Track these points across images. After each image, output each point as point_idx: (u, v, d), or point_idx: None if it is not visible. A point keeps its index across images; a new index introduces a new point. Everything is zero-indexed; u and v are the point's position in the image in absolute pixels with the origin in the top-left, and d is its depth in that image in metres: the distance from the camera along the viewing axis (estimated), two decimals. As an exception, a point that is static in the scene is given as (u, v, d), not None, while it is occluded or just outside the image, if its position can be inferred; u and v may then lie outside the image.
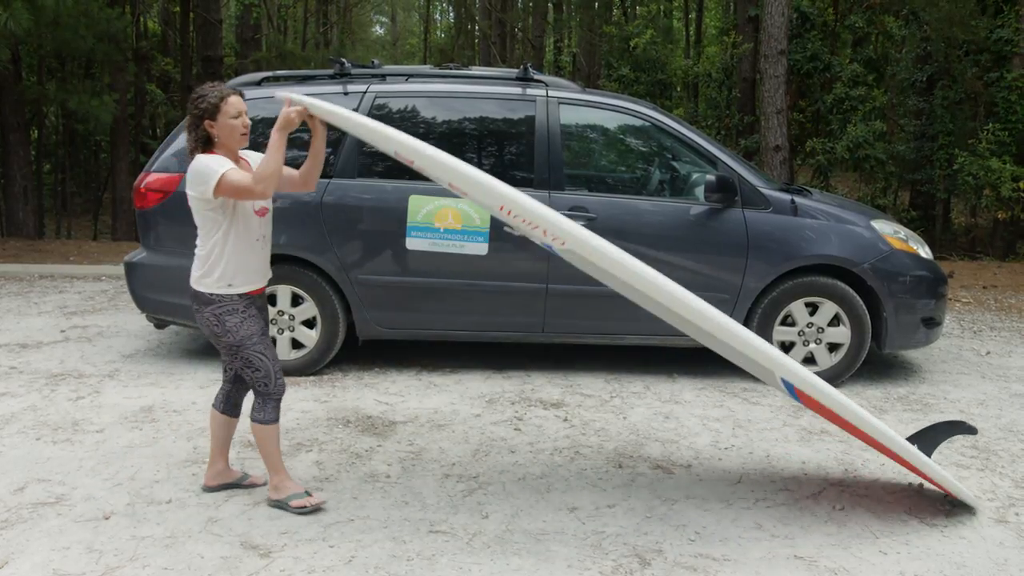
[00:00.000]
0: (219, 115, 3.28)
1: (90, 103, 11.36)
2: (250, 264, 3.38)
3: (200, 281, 3.35)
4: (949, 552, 3.25)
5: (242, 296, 3.36)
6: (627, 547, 3.22)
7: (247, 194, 3.19)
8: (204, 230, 3.33)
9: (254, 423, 3.43)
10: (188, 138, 3.33)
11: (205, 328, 3.40)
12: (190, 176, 3.25)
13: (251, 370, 3.39)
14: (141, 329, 6.48)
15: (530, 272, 5.22)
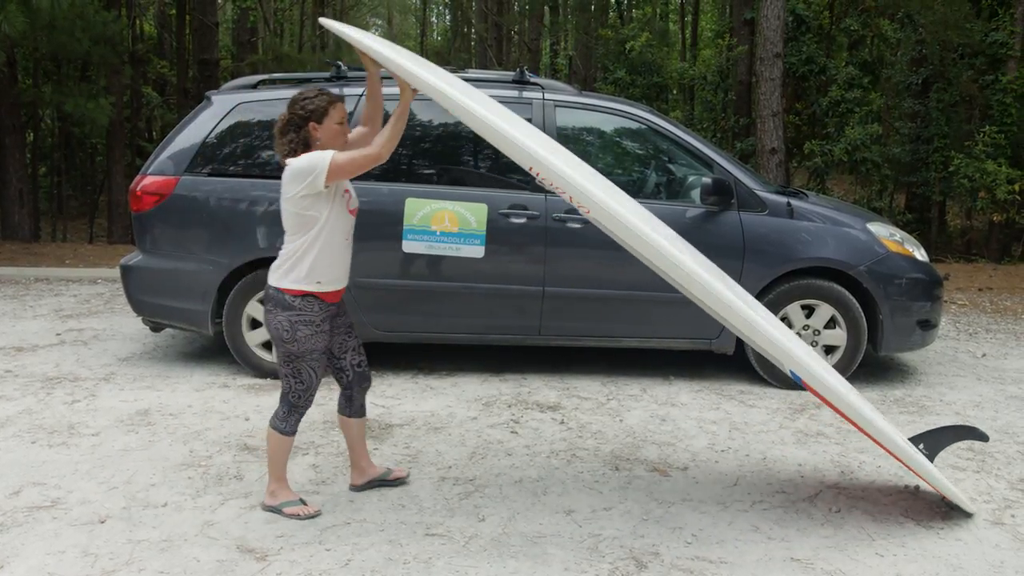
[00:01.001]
0: (326, 119, 3.29)
1: (86, 106, 11.35)
2: (338, 263, 3.37)
3: (285, 277, 3.31)
4: (945, 554, 3.25)
5: (323, 306, 3.34)
6: (624, 550, 3.22)
7: (368, 162, 3.18)
8: (296, 228, 3.30)
9: (273, 430, 3.42)
10: (284, 140, 3.30)
11: (271, 330, 3.37)
12: (292, 175, 3.22)
13: (295, 381, 3.38)
14: (137, 332, 6.47)
15: (526, 275, 5.22)
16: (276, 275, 3.35)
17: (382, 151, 3.18)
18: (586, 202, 3.07)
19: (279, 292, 3.32)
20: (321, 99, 3.29)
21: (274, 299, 3.34)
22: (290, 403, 3.41)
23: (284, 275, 3.32)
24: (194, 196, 5.26)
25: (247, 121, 5.37)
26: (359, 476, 3.70)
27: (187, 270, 5.28)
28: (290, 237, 3.33)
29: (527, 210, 5.18)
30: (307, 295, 3.31)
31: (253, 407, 4.77)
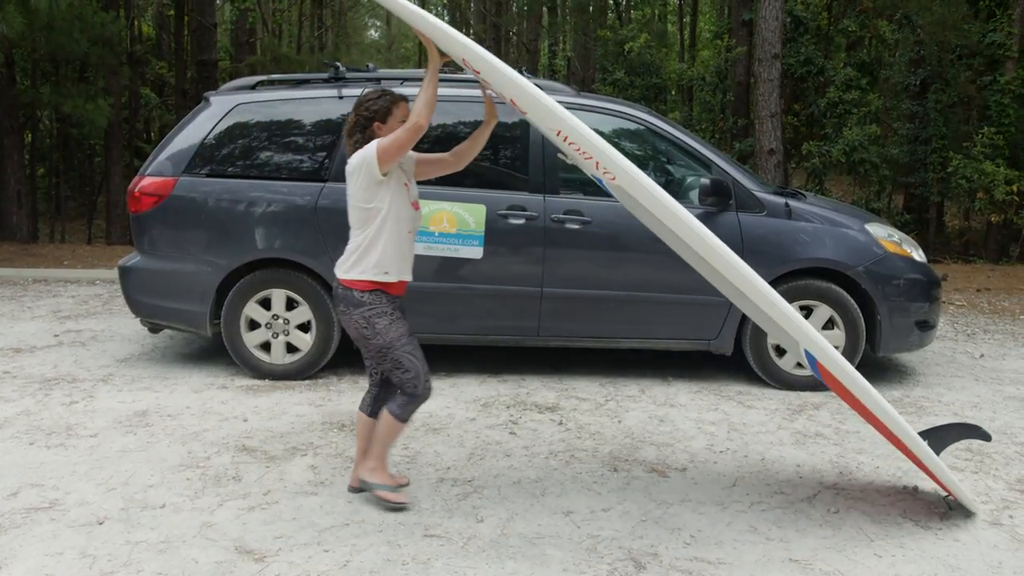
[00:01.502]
0: (389, 118, 3.35)
1: (84, 107, 11.35)
2: (403, 255, 3.42)
3: (353, 270, 3.36)
4: (944, 555, 3.25)
5: (390, 298, 3.40)
6: (622, 551, 3.22)
7: (412, 133, 3.21)
8: (361, 222, 3.36)
9: (391, 415, 3.46)
10: (350, 140, 3.38)
11: (353, 331, 3.41)
12: (350, 172, 3.31)
13: (401, 371, 3.42)
14: (135, 333, 6.47)
15: (525, 276, 5.22)
16: (343, 268, 3.40)
17: (420, 119, 3.22)
18: (612, 167, 3.04)
19: (348, 290, 3.37)
20: (384, 99, 3.36)
21: (344, 299, 3.39)
22: (409, 393, 3.46)
23: (351, 267, 3.37)
24: (192, 197, 5.26)
25: (246, 122, 5.37)
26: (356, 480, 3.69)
27: (185, 271, 5.28)
28: (355, 232, 3.39)
29: (526, 211, 5.18)
30: (375, 289, 3.37)
31: (251, 408, 4.77)
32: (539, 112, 3.07)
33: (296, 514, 3.46)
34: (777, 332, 3.61)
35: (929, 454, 3.36)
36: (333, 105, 5.35)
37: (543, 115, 3.07)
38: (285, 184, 5.27)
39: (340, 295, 3.41)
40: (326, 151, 5.29)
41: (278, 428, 4.46)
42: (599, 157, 3.05)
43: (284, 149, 5.35)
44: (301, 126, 5.38)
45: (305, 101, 5.45)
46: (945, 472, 3.41)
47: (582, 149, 3.08)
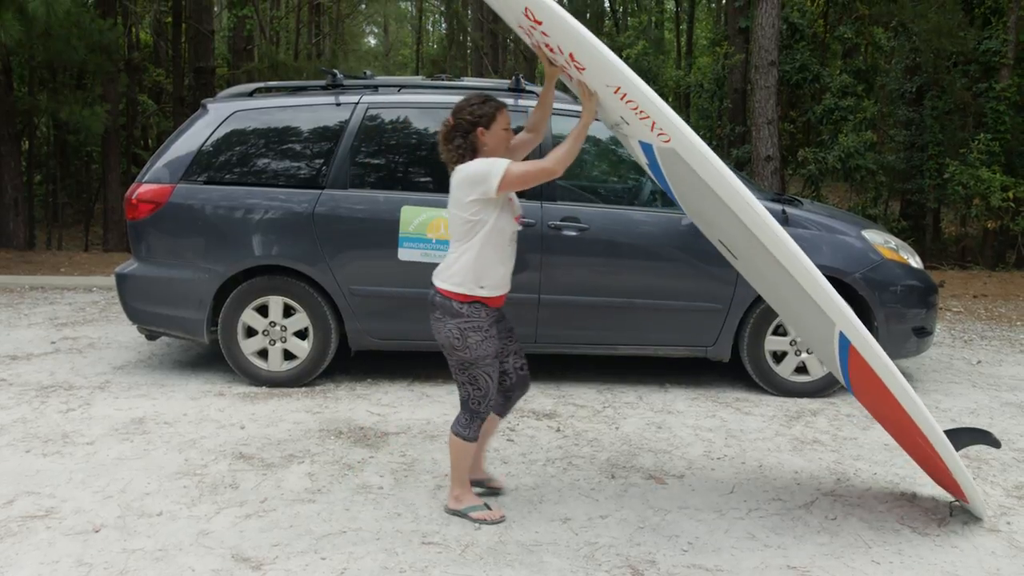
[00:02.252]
0: (493, 124, 3.33)
1: (81, 114, 11.34)
2: (502, 268, 3.39)
3: (453, 280, 3.33)
4: (941, 561, 3.25)
5: (488, 311, 3.37)
6: (620, 558, 3.22)
7: (542, 176, 3.23)
8: (464, 234, 3.32)
9: (456, 436, 3.44)
10: (451, 146, 3.34)
11: (442, 339, 3.39)
12: (464, 180, 3.26)
13: (473, 388, 3.40)
14: (132, 341, 6.46)
15: (522, 283, 5.21)
16: (442, 278, 3.38)
17: (557, 167, 3.23)
18: (669, 128, 2.97)
19: (446, 299, 3.35)
20: (489, 105, 3.34)
21: (441, 306, 3.36)
22: (472, 410, 3.44)
23: (451, 279, 3.35)
24: (190, 204, 5.25)
25: (243, 129, 5.37)
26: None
27: (183, 278, 5.27)
28: (457, 243, 3.36)
29: (523, 218, 5.17)
30: (474, 301, 3.34)
31: (248, 415, 4.76)
32: (599, 66, 2.98)
33: (293, 522, 3.46)
34: (806, 317, 3.49)
35: (951, 453, 3.29)
36: (330, 112, 5.36)
37: (603, 69, 2.97)
38: (282, 191, 5.27)
39: (438, 303, 3.38)
40: (323, 158, 5.29)
41: (275, 435, 4.45)
42: (656, 116, 2.98)
43: (281, 156, 5.35)
44: (298, 133, 5.38)
45: (302, 108, 5.46)
46: (964, 472, 3.36)
47: (639, 108, 3.00)
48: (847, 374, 3.50)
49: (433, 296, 3.40)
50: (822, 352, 3.71)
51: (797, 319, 3.73)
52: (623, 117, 3.28)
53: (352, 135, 5.29)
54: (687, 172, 3.18)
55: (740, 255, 3.68)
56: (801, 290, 3.17)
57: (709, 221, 3.67)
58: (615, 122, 3.48)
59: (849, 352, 3.28)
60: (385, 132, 5.37)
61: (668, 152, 3.17)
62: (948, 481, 3.54)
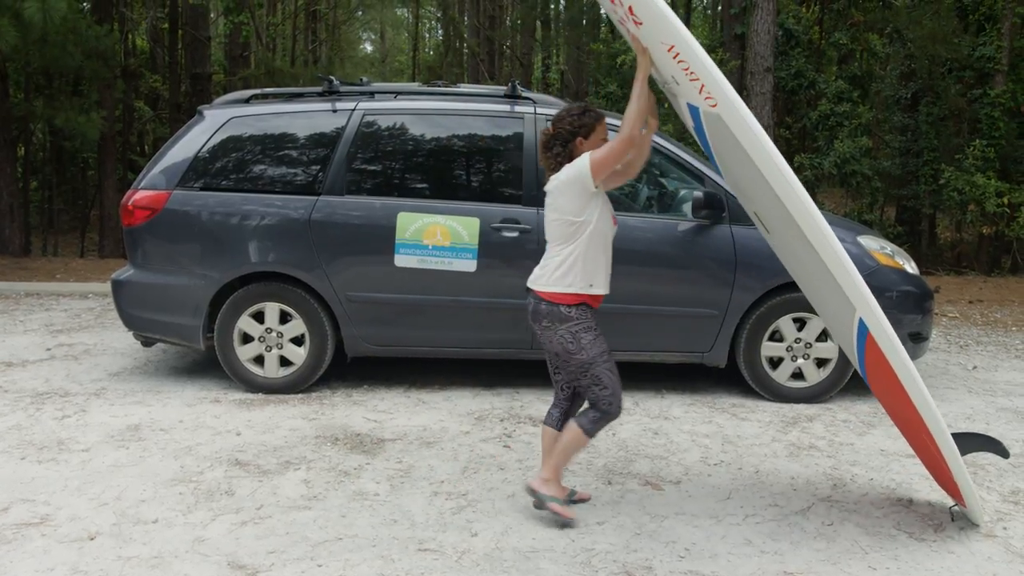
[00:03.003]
0: (592, 135, 3.39)
1: (77, 120, 11.34)
2: (604, 268, 3.45)
3: (559, 283, 3.37)
4: (938, 567, 3.25)
5: (592, 312, 3.43)
6: (617, 564, 3.21)
7: (625, 145, 3.26)
8: (565, 237, 3.38)
9: (579, 428, 3.46)
10: (550, 154, 3.42)
11: (556, 346, 3.42)
12: (561, 185, 3.34)
13: (599, 387, 3.43)
14: (128, 347, 6.45)
15: (519, 289, 5.20)
16: (545, 282, 3.41)
17: (632, 131, 3.25)
18: (717, 92, 2.98)
19: (554, 304, 3.38)
20: (589, 115, 3.42)
21: (548, 314, 3.40)
22: (602, 411, 3.46)
23: (556, 282, 3.38)
24: (186, 210, 5.25)
25: (239, 135, 5.37)
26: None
27: (179, 285, 5.26)
28: (557, 247, 3.41)
29: (519, 224, 5.19)
30: (581, 303, 3.39)
31: (244, 422, 4.75)
32: (656, 23, 2.99)
33: (289, 529, 3.45)
34: (830, 299, 3.48)
35: (956, 455, 3.28)
36: (327, 118, 5.36)
37: (660, 27, 2.98)
38: (279, 197, 5.27)
39: (544, 310, 3.40)
40: (319, 164, 5.29)
41: (271, 442, 4.44)
42: (706, 79, 2.99)
43: (278, 162, 5.35)
44: (295, 139, 5.38)
45: (299, 115, 5.46)
46: (965, 476, 3.35)
47: (691, 69, 3.01)
48: (863, 362, 3.50)
49: (537, 305, 3.43)
50: (842, 337, 3.70)
51: (821, 301, 3.73)
52: (674, 77, 3.29)
53: (348, 141, 5.29)
54: (730, 139, 3.19)
55: (773, 229, 3.67)
56: (827, 271, 3.16)
57: (747, 192, 3.65)
58: (666, 80, 3.49)
59: (867, 340, 3.27)
60: (381, 138, 5.37)
61: (714, 117, 3.18)
62: (948, 482, 3.53)
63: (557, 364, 3.56)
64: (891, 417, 3.79)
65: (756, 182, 3.27)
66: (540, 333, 3.46)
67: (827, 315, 3.82)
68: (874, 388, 3.67)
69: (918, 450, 3.68)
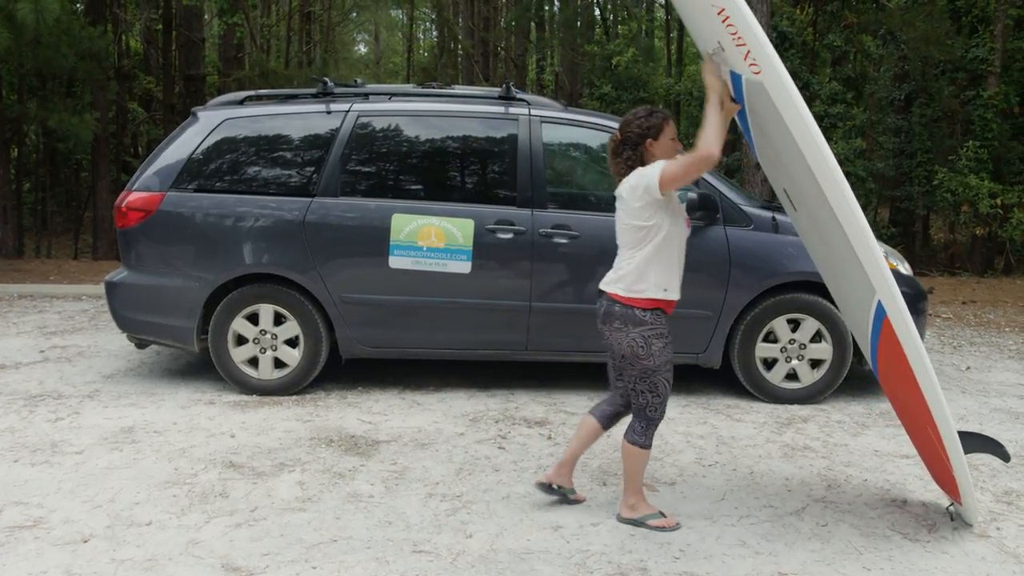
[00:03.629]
0: (661, 135, 3.41)
1: (71, 121, 11.31)
2: (677, 272, 3.45)
3: (634, 288, 3.38)
4: (932, 567, 3.26)
5: (666, 318, 3.43)
6: (612, 565, 3.22)
7: (699, 164, 3.24)
8: (637, 242, 3.39)
9: (632, 445, 3.48)
10: (620, 159, 3.43)
11: (625, 348, 3.42)
12: (630, 190, 3.35)
13: (652, 395, 3.44)
14: (121, 349, 6.43)
15: (513, 290, 5.22)
16: (619, 286, 3.42)
17: (712, 150, 3.23)
18: (762, 60, 2.98)
19: (629, 308, 3.38)
20: (656, 117, 3.43)
21: (622, 316, 3.40)
22: (648, 417, 3.47)
23: (631, 285, 3.39)
24: (180, 212, 5.24)
25: (233, 137, 5.36)
26: (556, 477, 3.71)
27: (173, 286, 5.25)
28: (630, 252, 3.42)
29: (514, 225, 5.19)
30: (656, 308, 3.39)
31: (239, 424, 4.74)
32: None
33: (284, 531, 3.44)
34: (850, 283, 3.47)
35: (959, 451, 3.28)
36: (321, 120, 5.36)
37: None
38: (273, 199, 5.26)
39: (617, 312, 3.41)
40: (314, 166, 5.29)
41: (266, 444, 4.43)
42: (752, 45, 2.99)
43: (272, 164, 5.35)
44: (289, 141, 5.38)
45: (293, 116, 5.46)
46: (966, 473, 3.35)
47: (739, 34, 3.01)
48: (875, 350, 3.49)
49: (610, 306, 3.43)
50: (857, 324, 3.70)
51: (840, 286, 3.71)
52: (720, 43, 3.28)
53: (343, 143, 5.29)
54: (769, 109, 3.19)
55: (800, 206, 3.65)
56: (851, 251, 3.16)
57: (778, 166, 3.63)
58: (712, 49, 3.48)
59: (882, 325, 3.26)
60: (376, 140, 5.37)
61: (755, 86, 3.17)
62: (947, 479, 3.52)
63: (621, 368, 3.54)
64: (896, 409, 3.78)
65: (790, 154, 3.27)
66: (609, 335, 3.47)
67: (845, 301, 3.81)
68: (883, 378, 3.66)
69: (919, 444, 3.68)
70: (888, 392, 3.76)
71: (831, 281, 3.92)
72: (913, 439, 3.75)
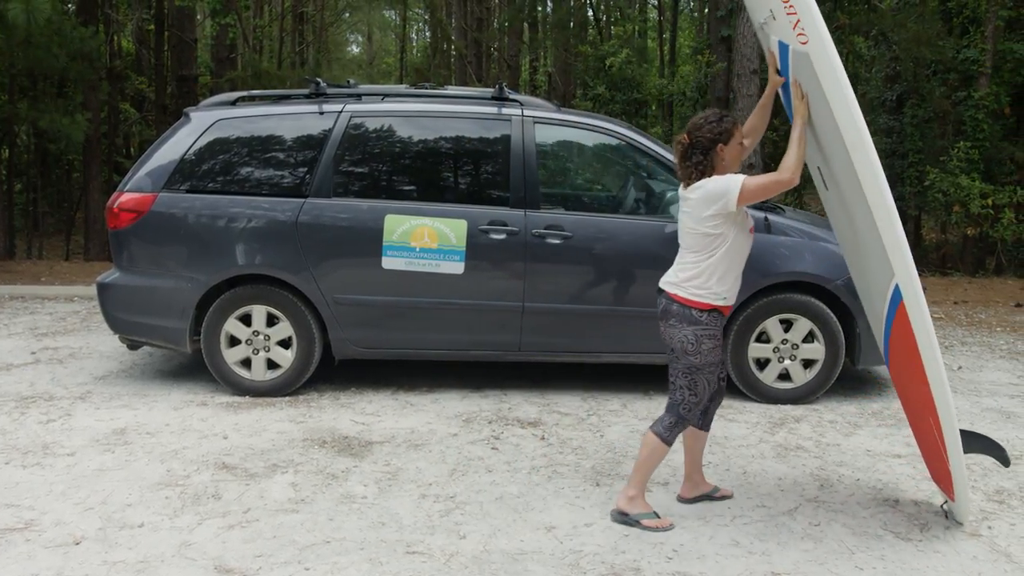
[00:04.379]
0: (731, 140, 3.42)
1: (62, 122, 11.26)
2: (738, 280, 3.50)
3: (690, 289, 3.42)
4: (924, 566, 3.27)
5: (722, 320, 3.48)
6: (605, 566, 3.22)
7: (778, 187, 3.30)
8: (701, 246, 3.43)
9: (656, 436, 3.51)
10: (690, 163, 3.44)
11: (675, 343, 3.47)
12: (704, 196, 3.37)
13: (690, 392, 3.49)
14: (113, 350, 6.41)
15: (506, 291, 5.22)
16: (679, 287, 3.46)
17: (794, 176, 3.30)
18: (811, 30, 3.00)
19: (686, 307, 3.43)
20: (727, 122, 3.45)
21: (678, 314, 3.45)
22: (679, 415, 3.51)
23: (690, 288, 3.43)
24: (172, 213, 5.23)
25: (226, 138, 5.35)
26: (691, 489, 3.81)
27: (165, 287, 5.24)
28: (693, 254, 3.46)
29: (507, 226, 5.19)
30: (713, 309, 3.43)
31: (232, 425, 4.73)
32: None
33: (276, 532, 3.44)
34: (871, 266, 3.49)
35: (958, 444, 3.30)
36: (314, 121, 5.35)
37: None
38: (266, 200, 5.25)
39: (675, 310, 3.46)
40: (307, 167, 5.28)
41: (259, 445, 4.42)
42: (803, 15, 3.01)
43: (264, 165, 5.34)
44: (282, 142, 5.37)
45: (286, 117, 5.45)
46: (962, 471, 3.37)
47: (791, 2, 3.04)
48: (888, 336, 3.52)
49: (669, 305, 3.49)
50: (873, 310, 3.72)
51: (861, 269, 3.71)
52: (772, 11, 3.31)
53: (335, 144, 5.28)
54: (812, 81, 3.21)
55: (831, 184, 3.65)
56: (876, 231, 3.19)
57: (813, 143, 3.63)
58: (763, 20, 3.50)
59: (897, 310, 3.28)
60: (369, 141, 5.37)
61: (801, 56, 3.19)
62: (943, 473, 3.53)
63: (670, 360, 3.57)
64: (902, 399, 3.78)
65: (827, 129, 3.29)
66: (665, 330, 3.52)
67: (864, 284, 3.82)
68: (893, 365, 3.69)
69: (920, 437, 3.68)
70: (895, 379, 3.78)
71: (854, 266, 3.92)
72: (914, 428, 3.75)
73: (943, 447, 3.35)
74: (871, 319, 3.91)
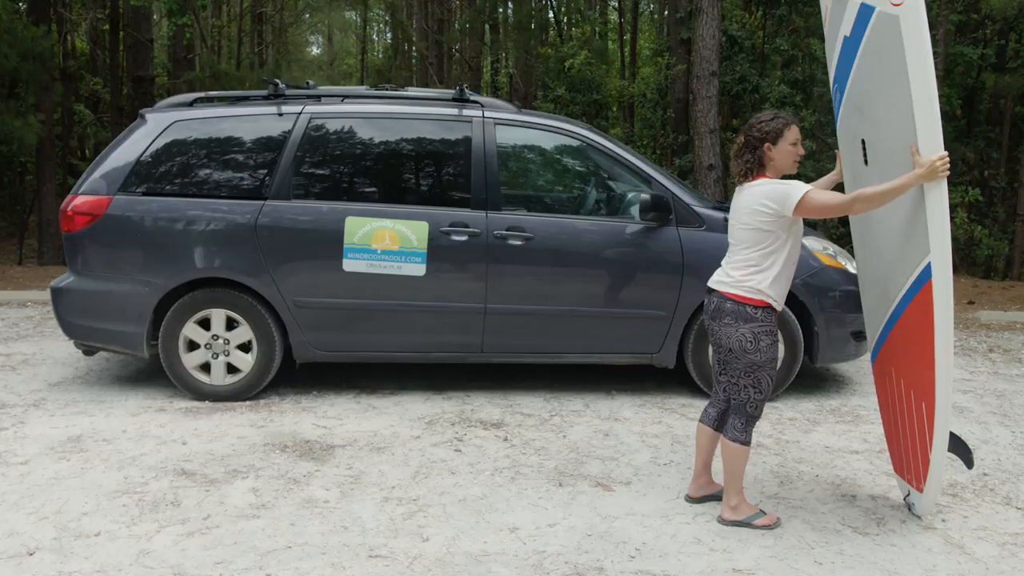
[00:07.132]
0: (780, 140, 3.44)
1: (13, 124, 11.02)
2: (788, 281, 3.53)
3: (743, 287, 3.43)
4: (881, 559, 3.33)
5: (776, 317, 3.50)
6: (568, 566, 3.23)
7: (839, 210, 3.31)
8: (755, 243, 3.43)
9: (733, 443, 3.53)
10: (740, 161, 3.47)
11: (734, 343, 3.46)
12: (762, 196, 3.38)
13: (755, 391, 3.49)
14: (68, 356, 6.29)
15: (468, 292, 5.22)
16: (733, 285, 3.47)
17: (855, 207, 3.29)
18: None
19: (740, 304, 3.44)
20: (778, 121, 3.48)
21: (733, 312, 3.45)
22: (748, 413, 3.52)
23: (743, 287, 3.44)
24: (128, 216, 5.14)
25: (183, 139, 5.28)
26: (698, 490, 3.83)
27: (121, 292, 5.15)
28: (744, 251, 3.46)
29: (468, 228, 5.19)
30: (767, 307, 3.44)
31: (191, 431, 4.67)
32: None
33: (237, 538, 3.40)
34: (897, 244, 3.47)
35: (946, 431, 3.35)
36: (273, 122, 5.30)
37: None
38: (224, 202, 5.19)
39: (728, 308, 3.46)
40: (266, 168, 5.23)
41: (218, 450, 4.37)
42: None
43: (223, 167, 5.27)
44: (240, 143, 5.31)
45: (244, 118, 5.39)
46: (943, 458, 3.43)
47: None
48: (894, 323, 3.55)
49: (722, 303, 3.50)
50: (879, 298, 3.72)
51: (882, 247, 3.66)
52: None
53: (295, 145, 5.24)
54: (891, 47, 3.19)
55: (875, 160, 3.59)
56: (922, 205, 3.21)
57: (864, 112, 3.61)
58: None
59: (920, 291, 3.31)
60: (329, 142, 5.33)
61: (888, 20, 3.18)
62: (912, 465, 3.59)
63: (726, 362, 3.57)
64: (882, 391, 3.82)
65: (892, 98, 3.28)
66: (719, 329, 3.52)
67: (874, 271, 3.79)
68: (884, 354, 3.72)
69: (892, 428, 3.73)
70: (880, 373, 3.82)
71: (868, 243, 3.87)
72: (888, 422, 3.79)
73: (929, 435, 3.41)
74: (869, 308, 3.94)
